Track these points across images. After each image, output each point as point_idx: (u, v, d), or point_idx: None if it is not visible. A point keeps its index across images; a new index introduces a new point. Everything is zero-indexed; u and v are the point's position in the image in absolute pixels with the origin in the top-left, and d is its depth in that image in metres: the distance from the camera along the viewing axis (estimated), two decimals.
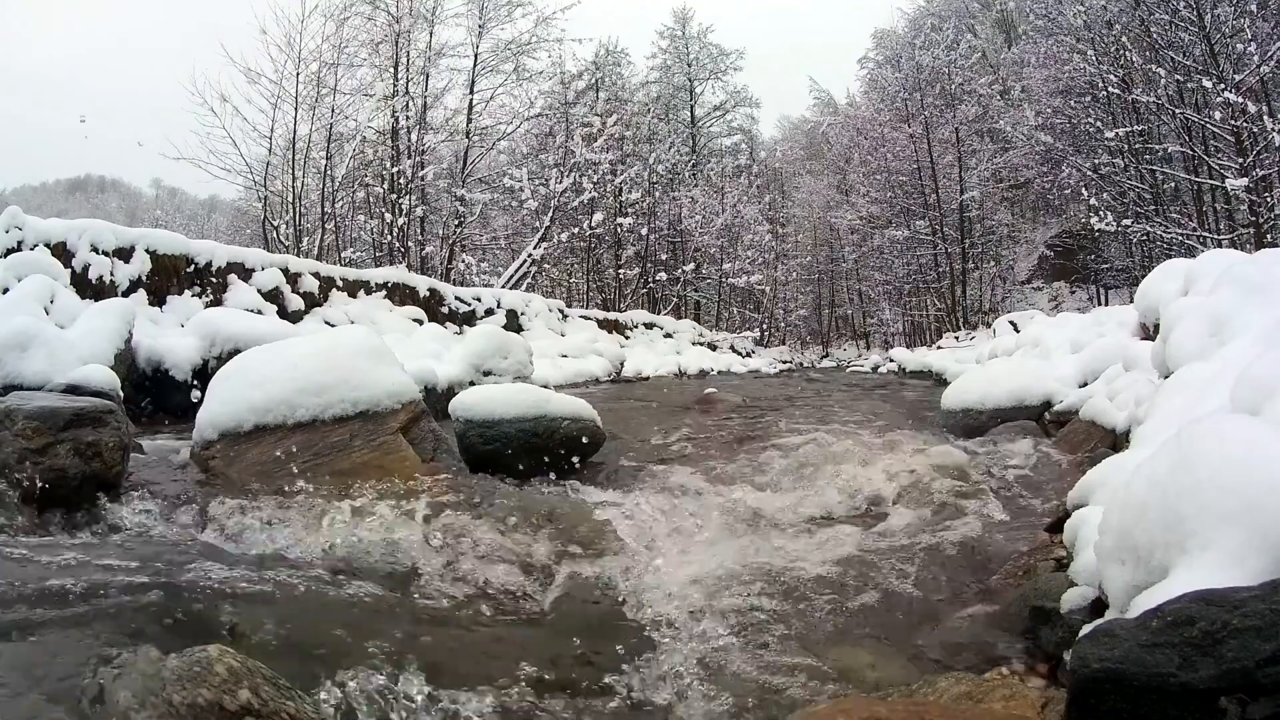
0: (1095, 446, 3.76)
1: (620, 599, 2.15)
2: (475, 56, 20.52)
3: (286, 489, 2.78)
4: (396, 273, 12.99)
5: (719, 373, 17.10)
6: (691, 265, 26.23)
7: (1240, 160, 13.41)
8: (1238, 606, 1.03)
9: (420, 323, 11.40)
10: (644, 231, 25.59)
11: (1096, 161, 18.43)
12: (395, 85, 18.80)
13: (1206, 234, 14.33)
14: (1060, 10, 20.09)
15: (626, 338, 18.37)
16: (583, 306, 21.23)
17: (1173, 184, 17.07)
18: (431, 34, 19.82)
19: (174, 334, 6.51)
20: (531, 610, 2.10)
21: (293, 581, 1.93)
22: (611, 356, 13.51)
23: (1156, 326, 3.69)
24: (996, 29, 31.49)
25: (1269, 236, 12.98)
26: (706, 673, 1.72)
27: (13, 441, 2.48)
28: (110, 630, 1.49)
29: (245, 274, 9.06)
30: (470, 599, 2.13)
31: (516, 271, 20.22)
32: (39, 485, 2.43)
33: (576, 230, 22.01)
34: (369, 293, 11.34)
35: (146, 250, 7.80)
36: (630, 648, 1.86)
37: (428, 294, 12.57)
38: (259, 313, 8.27)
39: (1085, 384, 4.98)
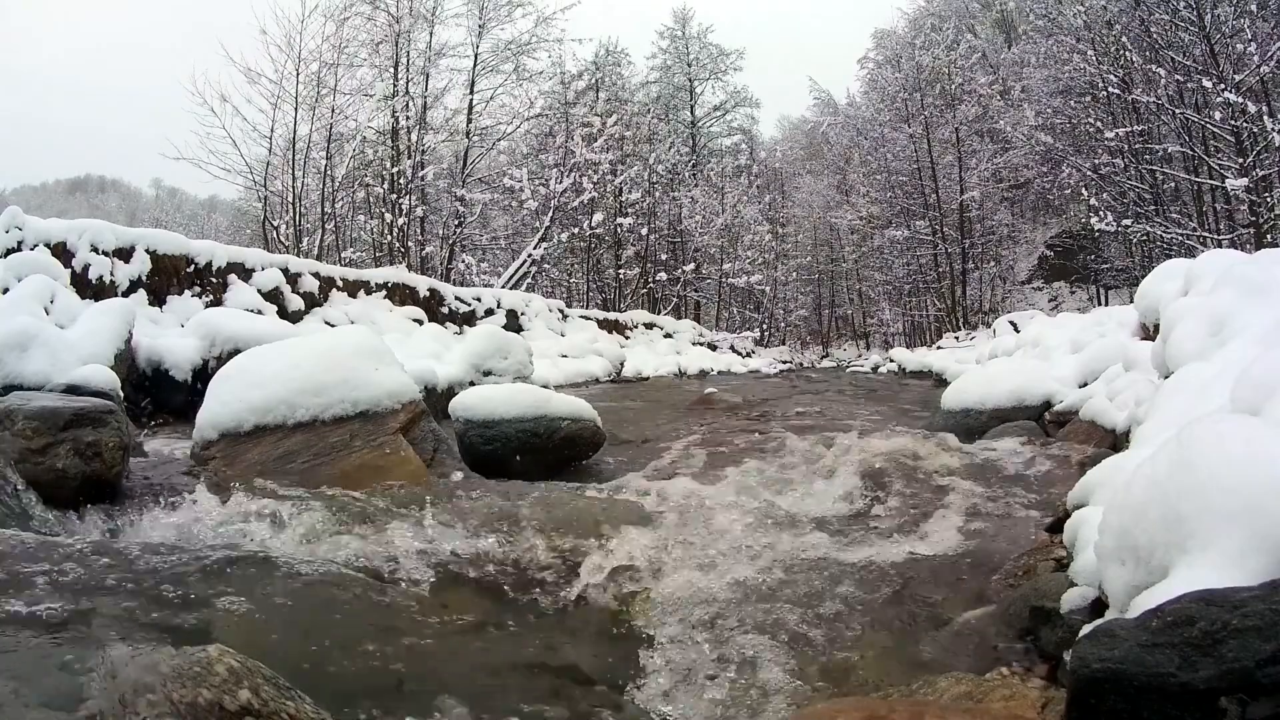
0: (1095, 446, 3.76)
1: (619, 598, 2.15)
2: (475, 56, 20.55)
3: (286, 489, 2.78)
4: (396, 273, 12.99)
5: (719, 373, 17.10)
6: (691, 265, 26.22)
7: (1240, 160, 13.40)
8: (1238, 606, 1.03)
9: (420, 323, 11.40)
10: (644, 231, 25.59)
11: (1096, 161, 18.43)
12: (395, 85, 18.79)
13: (1206, 234, 14.32)
14: (1060, 10, 20.11)
15: (626, 338, 18.37)
16: (583, 306, 21.24)
17: (1173, 184, 17.06)
18: (431, 34, 19.83)
19: (174, 334, 6.51)
20: (531, 609, 2.10)
21: (293, 582, 1.93)
22: (611, 356, 13.51)
23: (1156, 326, 3.68)
24: (996, 29, 31.48)
25: (1269, 236, 12.97)
26: (706, 672, 1.72)
27: (13, 441, 2.48)
28: (110, 630, 1.49)
29: (245, 274, 9.06)
30: (470, 599, 2.13)
31: (516, 271, 20.22)
32: (39, 485, 2.42)
33: (576, 230, 22.01)
34: (369, 293, 11.34)
35: (146, 250, 7.80)
36: (628, 647, 1.86)
37: (428, 294, 12.57)
38: (259, 313, 8.27)
39: (1085, 384, 4.97)
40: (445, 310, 12.79)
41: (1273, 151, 12.99)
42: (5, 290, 5.65)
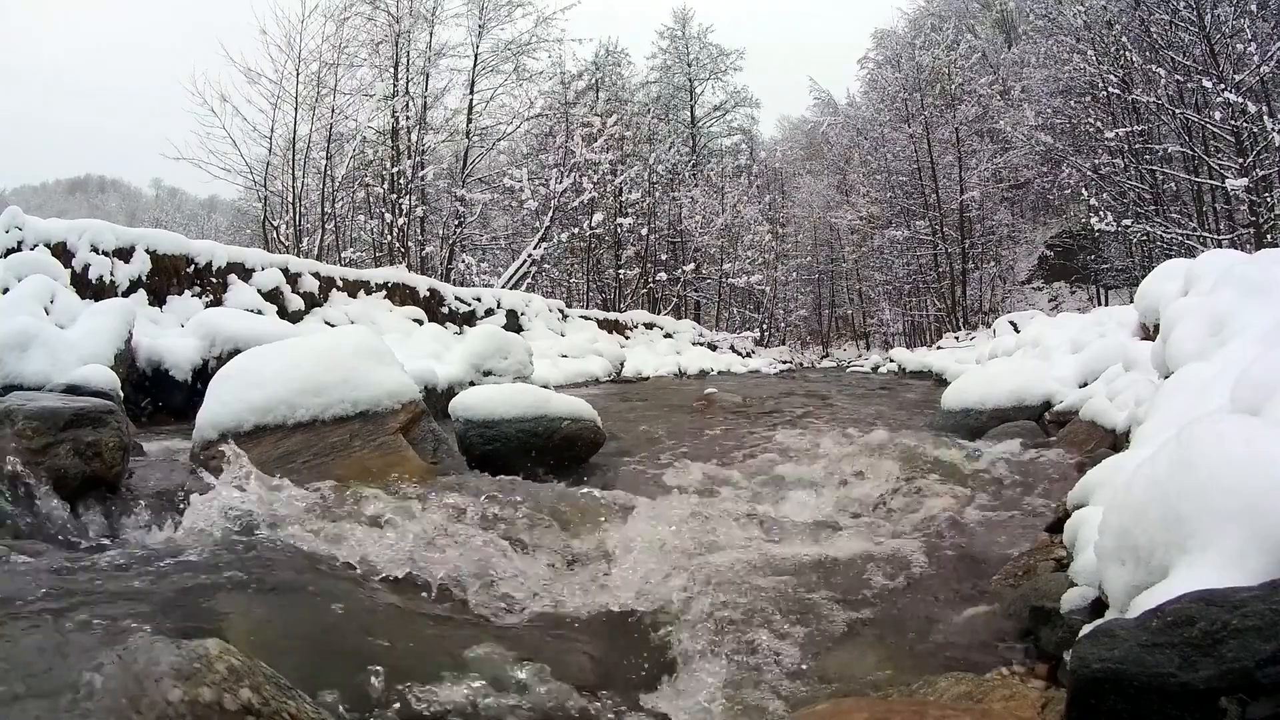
0: (1095, 446, 3.76)
1: (618, 598, 2.15)
2: (475, 57, 20.56)
3: (286, 489, 2.78)
4: (396, 273, 12.99)
5: (719, 373, 17.09)
6: (691, 265, 26.23)
7: (1240, 160, 13.41)
8: (1238, 606, 1.03)
9: (420, 323, 11.41)
10: (644, 232, 25.59)
11: (1096, 161, 18.45)
12: (395, 85, 18.80)
13: (1206, 234, 14.32)
14: (1060, 10, 20.11)
15: (626, 338, 18.37)
16: (583, 306, 21.25)
17: (1173, 184, 17.06)
18: (431, 34, 19.85)
19: (174, 334, 6.51)
20: (531, 609, 2.10)
21: (293, 581, 1.93)
22: (611, 356, 13.51)
23: (1156, 326, 3.68)
24: (996, 29, 31.49)
25: (1269, 236, 12.98)
26: (705, 673, 1.72)
27: (13, 442, 2.47)
28: (110, 630, 1.49)
29: (245, 274, 9.06)
30: (470, 599, 2.13)
31: (516, 271, 20.22)
32: (39, 485, 2.42)
33: (576, 230, 22.01)
34: (369, 293, 11.34)
35: (146, 250, 7.81)
36: (627, 648, 1.86)
37: (428, 294, 12.57)
38: (259, 313, 8.28)
39: (1085, 384, 4.97)
40: (445, 310, 12.80)
41: (1273, 151, 12.99)
42: (5, 290, 5.65)
